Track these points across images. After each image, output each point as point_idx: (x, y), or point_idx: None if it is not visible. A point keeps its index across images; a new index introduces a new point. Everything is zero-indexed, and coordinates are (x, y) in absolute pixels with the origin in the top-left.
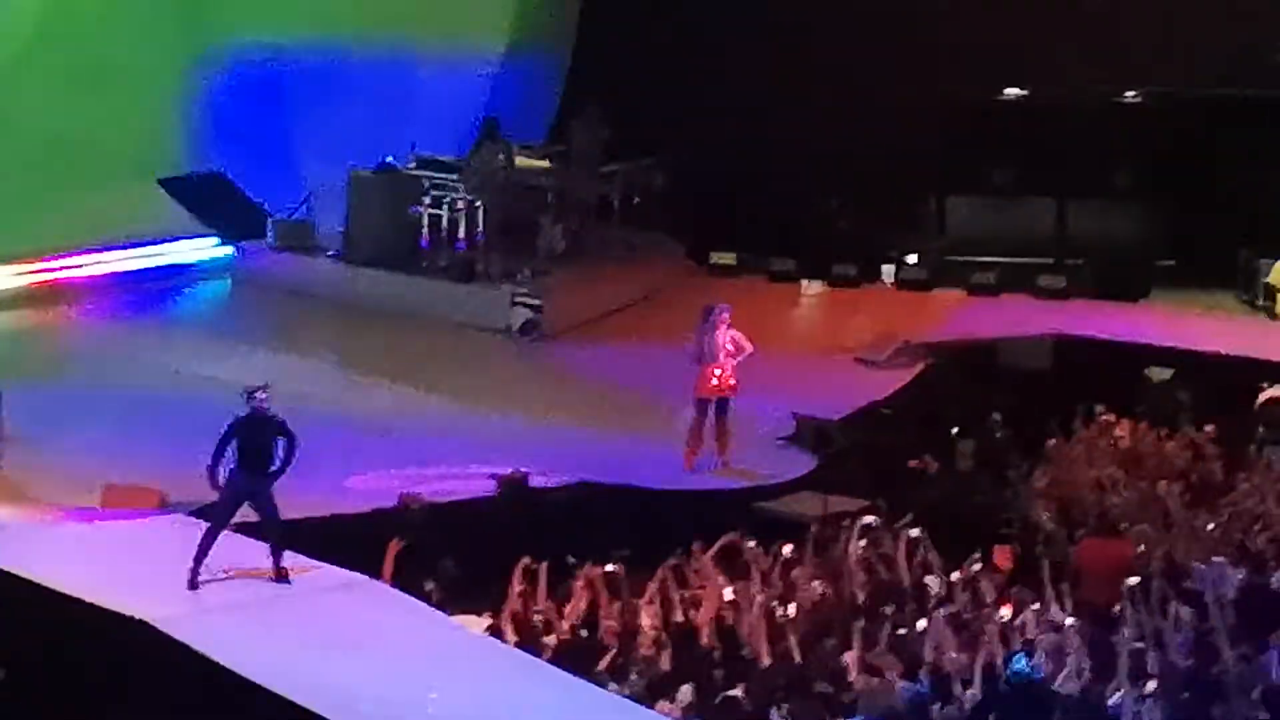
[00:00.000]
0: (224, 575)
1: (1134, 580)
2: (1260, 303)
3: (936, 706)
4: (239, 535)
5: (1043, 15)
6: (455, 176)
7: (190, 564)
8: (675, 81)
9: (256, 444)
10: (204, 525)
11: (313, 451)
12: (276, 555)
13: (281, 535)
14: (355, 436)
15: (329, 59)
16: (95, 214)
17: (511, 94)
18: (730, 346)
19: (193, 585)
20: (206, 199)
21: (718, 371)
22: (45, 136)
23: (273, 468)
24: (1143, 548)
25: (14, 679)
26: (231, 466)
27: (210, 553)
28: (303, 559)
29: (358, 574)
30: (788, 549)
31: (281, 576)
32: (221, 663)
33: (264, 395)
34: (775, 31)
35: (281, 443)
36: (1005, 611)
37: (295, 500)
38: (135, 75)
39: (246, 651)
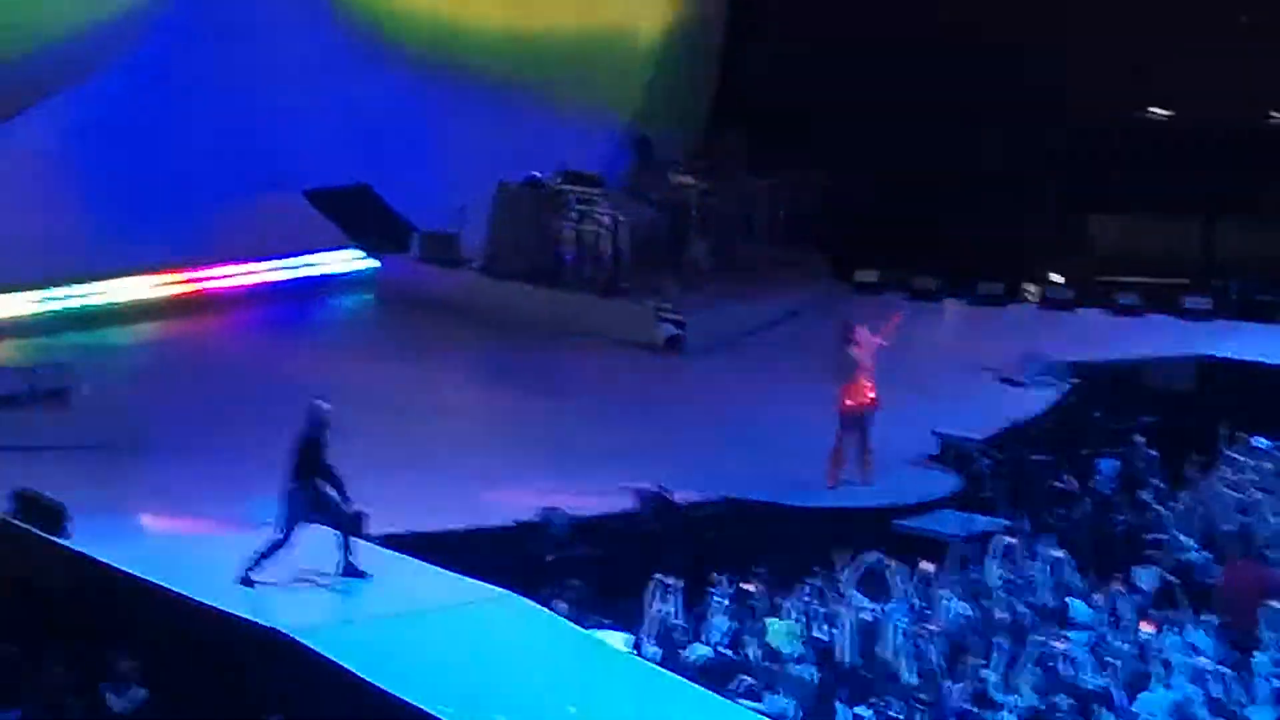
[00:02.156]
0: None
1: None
2: None
3: None
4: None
5: (1191, 35)
6: (600, 191)
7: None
8: (822, 98)
9: (313, 454)
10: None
11: (454, 464)
12: (346, 550)
13: (346, 529)
14: (497, 449)
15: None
16: (242, 225)
17: (657, 109)
18: (869, 361)
19: (247, 582)
20: (352, 211)
21: (858, 387)
22: (194, 145)
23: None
24: None
25: (159, 687)
26: (290, 480)
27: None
28: (444, 572)
29: (498, 587)
30: (928, 567)
31: (354, 572)
32: (362, 676)
33: (327, 407)
34: (925, 49)
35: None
36: (1147, 630)
37: (436, 514)
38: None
39: (388, 665)
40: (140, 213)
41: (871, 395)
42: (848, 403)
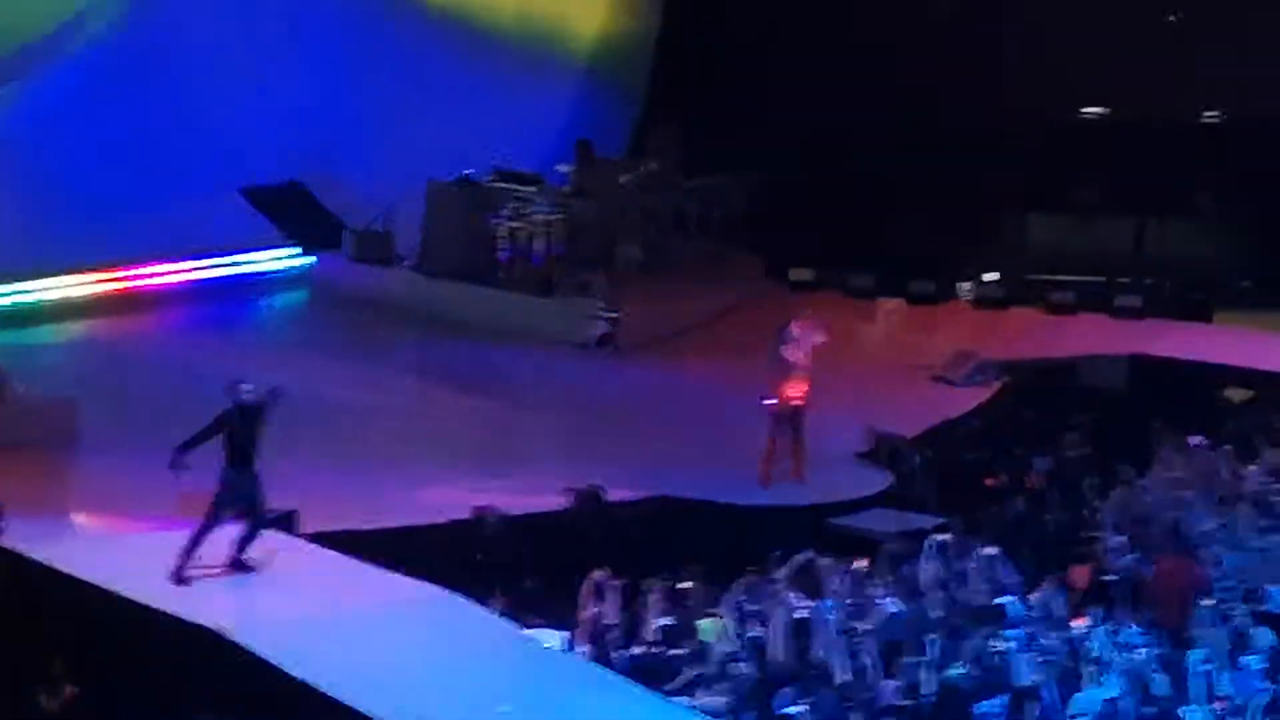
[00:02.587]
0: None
1: (1208, 601)
2: None
3: None
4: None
5: (1124, 34)
6: (534, 190)
7: (179, 558)
8: (755, 98)
9: (244, 437)
10: (279, 535)
11: (387, 463)
12: (244, 543)
13: (258, 527)
14: (430, 448)
15: (409, 71)
16: (174, 222)
17: (591, 109)
18: (804, 359)
19: (180, 580)
20: (286, 209)
21: (792, 385)
22: (126, 142)
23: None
24: (1217, 571)
25: (91, 685)
26: (222, 464)
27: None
28: (377, 570)
29: (430, 585)
30: (861, 564)
31: (240, 567)
32: (291, 673)
33: (248, 387)
34: (857, 50)
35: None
36: (1080, 626)
37: (369, 511)
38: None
39: (315, 661)
40: (72, 210)
41: (802, 394)
42: (778, 401)
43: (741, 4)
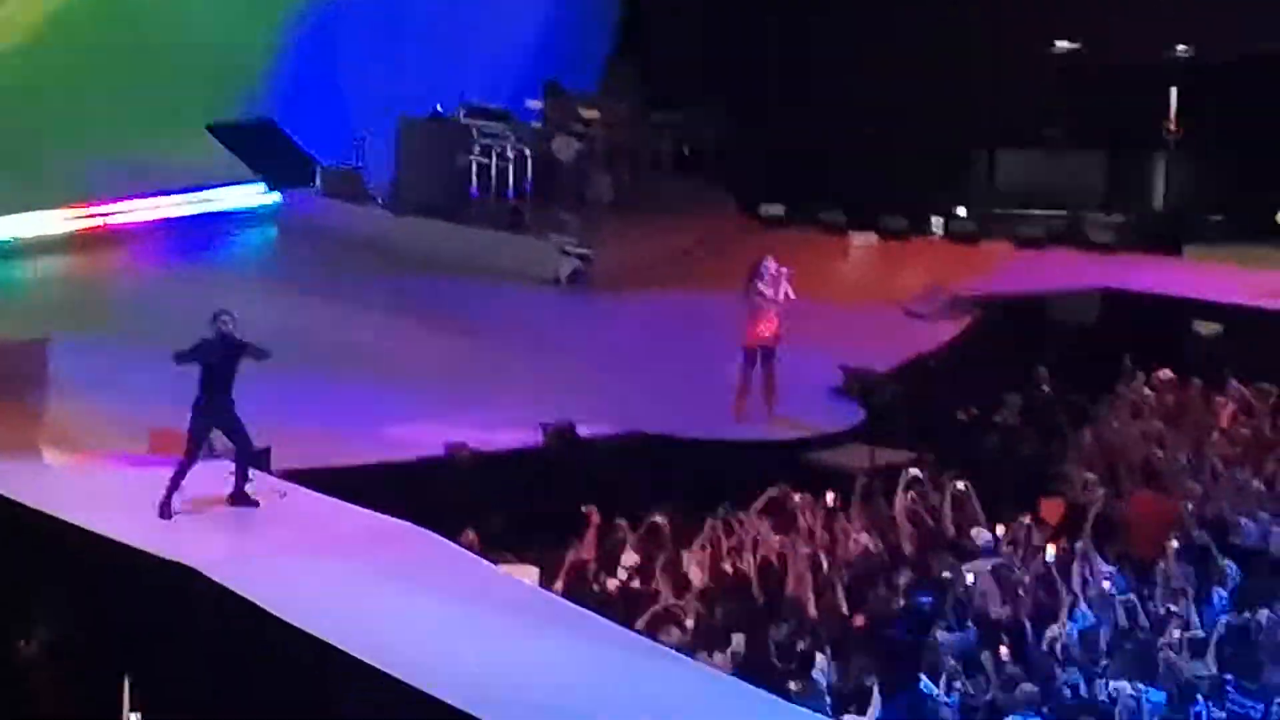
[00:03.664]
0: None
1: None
2: None
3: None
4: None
5: None
6: (505, 126)
7: (164, 493)
8: (725, 33)
9: (221, 369)
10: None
11: (359, 399)
12: (240, 479)
13: (249, 459)
14: (402, 385)
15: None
16: (145, 159)
17: (563, 43)
18: (775, 295)
19: (165, 514)
20: (256, 146)
21: (764, 322)
22: (95, 81)
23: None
24: (1190, 505)
25: (63, 625)
26: (196, 394)
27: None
28: (350, 506)
29: (403, 521)
30: (831, 498)
31: (243, 500)
32: (265, 608)
33: (228, 318)
34: None
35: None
36: (1051, 558)
37: (342, 448)
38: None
39: (290, 596)
40: (42, 147)
41: (773, 331)
42: (748, 337)
43: None
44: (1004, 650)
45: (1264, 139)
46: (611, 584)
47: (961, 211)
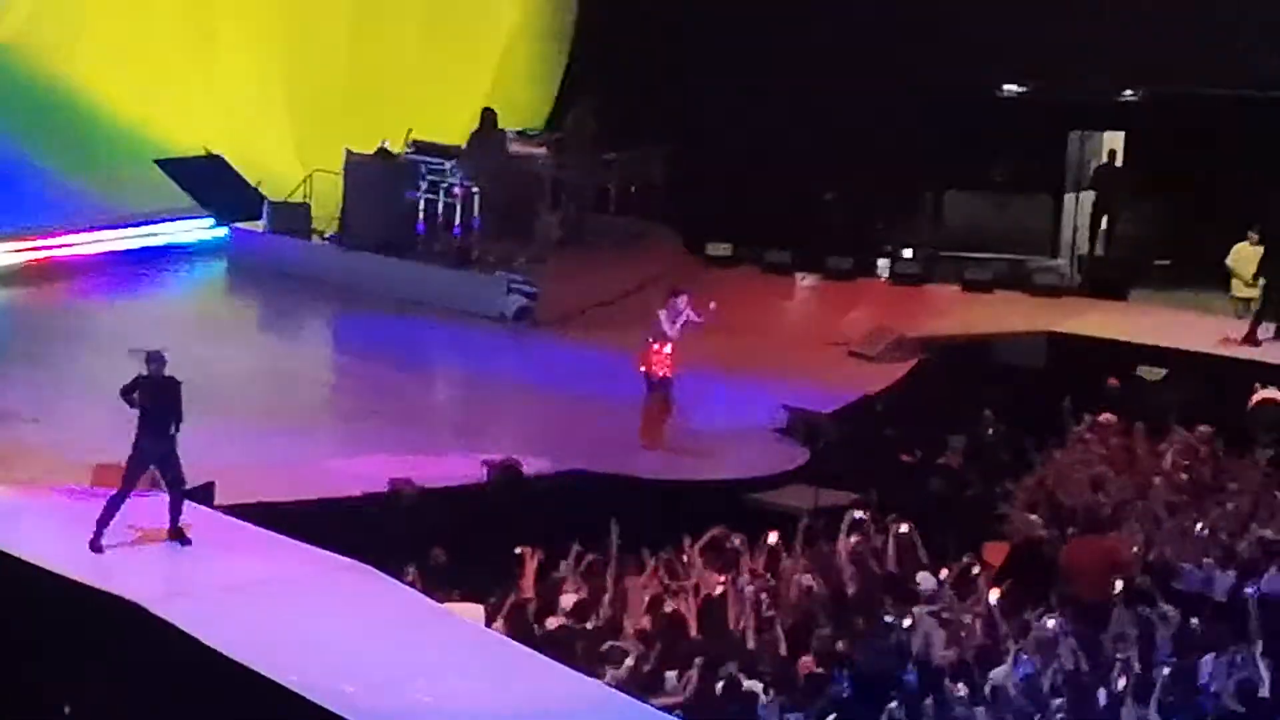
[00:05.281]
0: (121, 540)
1: (1121, 582)
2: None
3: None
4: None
5: (1042, 11)
6: (452, 162)
7: (94, 527)
8: (674, 72)
9: (159, 406)
10: (196, 507)
11: (303, 435)
12: (175, 514)
13: (182, 495)
14: (347, 420)
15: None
16: (91, 193)
17: (512, 80)
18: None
19: (96, 548)
20: (203, 180)
21: (656, 354)
22: (42, 113)
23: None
24: (1136, 548)
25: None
26: (136, 431)
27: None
28: (293, 541)
29: (346, 558)
30: (774, 538)
31: (178, 536)
32: (209, 644)
33: (159, 361)
34: (775, 24)
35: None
36: (993, 596)
37: (285, 483)
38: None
39: (235, 634)
40: None
41: (665, 365)
42: (641, 367)
43: None
44: (953, 692)
45: (1210, 184)
46: (553, 622)
47: (907, 253)
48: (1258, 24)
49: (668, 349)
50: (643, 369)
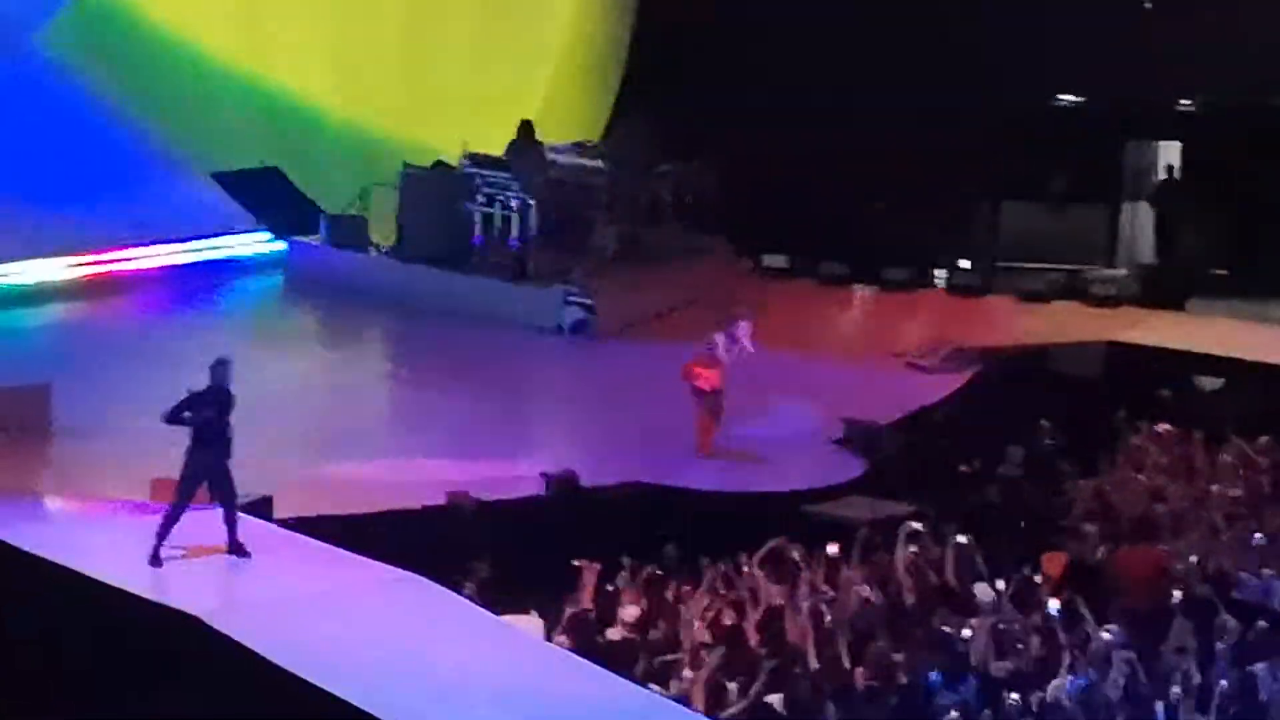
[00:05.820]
0: (181, 553)
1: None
2: None
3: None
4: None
5: (1099, 21)
6: (508, 174)
7: (154, 540)
8: (731, 82)
9: (213, 419)
10: (254, 521)
11: (361, 447)
12: (232, 530)
13: (234, 510)
14: (404, 434)
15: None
16: (149, 207)
17: (568, 92)
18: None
19: (155, 562)
20: (260, 194)
21: (705, 371)
22: (103, 128)
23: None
24: (1194, 559)
25: (63, 672)
26: (188, 444)
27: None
28: (351, 555)
29: (405, 570)
30: (833, 549)
31: (238, 550)
32: (267, 657)
33: (224, 367)
34: (832, 33)
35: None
36: (1054, 605)
37: (343, 496)
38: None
39: (293, 647)
40: (49, 195)
41: (711, 381)
42: (688, 373)
43: None
44: (1009, 704)
45: (1268, 193)
46: (613, 634)
47: (965, 264)
48: None
49: (713, 367)
50: (688, 381)
